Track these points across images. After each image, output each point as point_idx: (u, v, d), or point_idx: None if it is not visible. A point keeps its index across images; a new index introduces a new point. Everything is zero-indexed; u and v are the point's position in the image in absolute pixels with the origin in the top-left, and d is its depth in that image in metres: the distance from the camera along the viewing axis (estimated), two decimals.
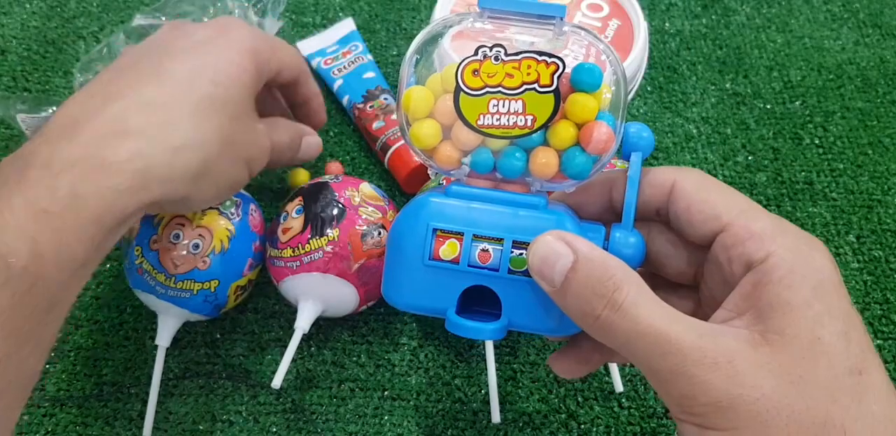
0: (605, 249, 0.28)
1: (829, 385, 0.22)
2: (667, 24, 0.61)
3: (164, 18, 0.56)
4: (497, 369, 0.43)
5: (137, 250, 0.40)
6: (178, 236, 0.39)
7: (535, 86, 0.28)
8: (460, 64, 0.28)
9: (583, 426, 0.42)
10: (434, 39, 0.30)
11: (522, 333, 0.36)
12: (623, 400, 0.43)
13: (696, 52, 0.59)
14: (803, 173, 0.52)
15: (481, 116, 0.28)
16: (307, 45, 0.58)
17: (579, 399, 0.43)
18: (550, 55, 0.28)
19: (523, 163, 0.29)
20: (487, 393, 0.42)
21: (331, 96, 0.55)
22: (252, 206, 0.43)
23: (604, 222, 0.29)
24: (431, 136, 0.29)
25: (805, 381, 0.22)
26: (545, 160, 0.29)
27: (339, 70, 0.55)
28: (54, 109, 0.48)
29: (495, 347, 0.43)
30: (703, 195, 0.27)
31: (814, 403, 0.22)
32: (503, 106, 0.28)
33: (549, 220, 0.28)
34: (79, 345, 0.44)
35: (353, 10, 0.61)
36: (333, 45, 0.57)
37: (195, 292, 0.40)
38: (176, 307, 0.40)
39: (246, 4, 0.57)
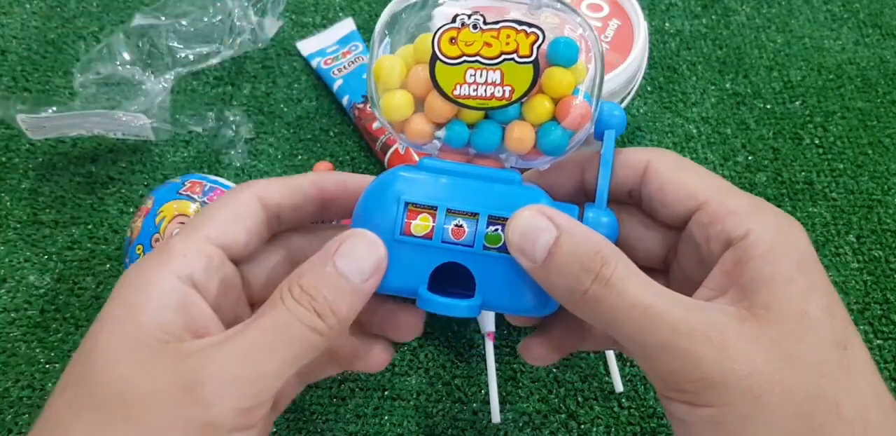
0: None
1: (819, 360, 0.22)
2: (667, 24, 0.61)
3: (163, 18, 0.56)
4: (497, 369, 0.43)
5: (139, 249, 0.40)
6: None
7: (514, 56, 0.27)
8: (437, 31, 0.27)
9: (583, 426, 0.42)
10: (402, 9, 0.29)
11: (504, 318, 0.35)
12: (623, 400, 0.43)
13: (696, 52, 0.59)
14: (803, 173, 0.52)
15: (457, 86, 0.27)
16: (307, 45, 0.58)
17: (579, 399, 0.43)
18: (530, 25, 0.27)
19: (499, 137, 0.28)
20: (487, 393, 0.42)
21: (331, 96, 0.55)
22: None
23: (576, 204, 0.29)
24: (403, 107, 0.28)
25: (795, 355, 0.22)
26: (521, 135, 0.28)
27: (339, 70, 0.55)
28: (54, 109, 0.48)
29: (495, 347, 0.43)
30: (678, 175, 0.26)
31: (805, 377, 0.22)
32: (480, 76, 0.27)
33: (526, 195, 0.27)
34: (79, 345, 0.44)
35: (353, 10, 0.61)
36: (333, 45, 0.57)
37: None
38: None
39: (246, 4, 0.57)
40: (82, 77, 0.52)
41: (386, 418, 0.42)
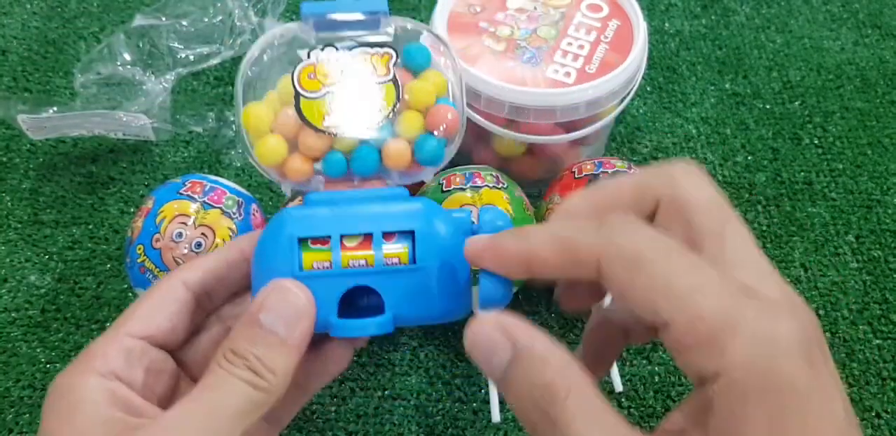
0: (475, 231, 0.27)
1: None
2: (666, 25, 0.61)
3: (163, 19, 0.56)
4: None
5: (139, 249, 0.40)
6: (180, 235, 0.39)
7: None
8: (293, 71, 0.28)
9: None
10: (260, 57, 0.30)
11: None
12: (623, 400, 0.43)
13: (695, 52, 0.59)
14: (802, 173, 0.53)
15: (326, 118, 0.28)
16: None
17: None
18: (381, 45, 0.28)
19: (376, 159, 0.28)
20: (487, 393, 0.42)
21: None
22: (254, 206, 0.43)
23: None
24: (278, 150, 0.29)
25: None
26: (397, 151, 0.28)
27: None
28: (55, 109, 0.48)
29: None
30: (635, 281, 0.20)
31: None
32: None
33: (414, 206, 0.27)
34: (79, 344, 0.44)
35: None
36: None
37: None
38: None
39: (246, 5, 0.57)
40: (83, 77, 0.53)
41: (386, 417, 0.42)
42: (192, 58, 0.56)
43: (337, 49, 0.28)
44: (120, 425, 0.24)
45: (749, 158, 0.53)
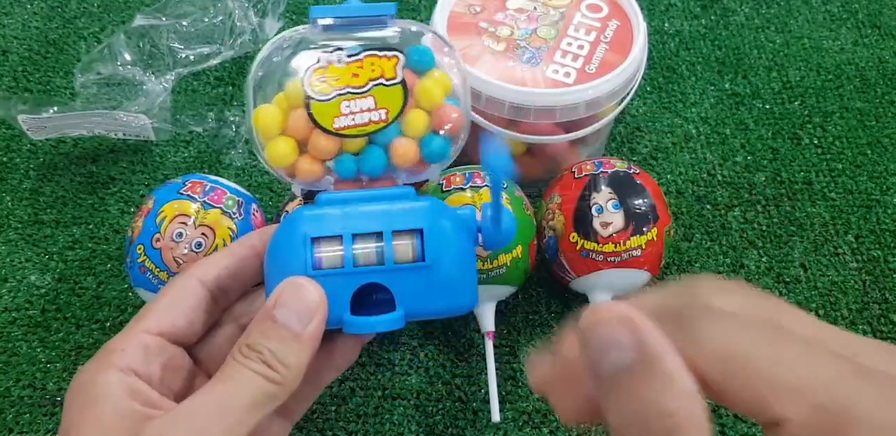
0: (479, 228, 0.28)
1: None
2: (666, 25, 0.61)
3: (164, 19, 0.56)
4: (497, 369, 0.43)
5: (139, 249, 0.40)
6: (180, 235, 0.39)
7: (382, 80, 0.29)
8: (304, 74, 0.29)
9: (583, 426, 0.42)
10: (270, 59, 0.30)
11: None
12: None
13: (695, 52, 0.59)
14: (802, 173, 0.53)
15: (336, 120, 0.29)
16: None
17: None
18: (389, 48, 0.29)
19: (384, 159, 0.29)
20: (487, 392, 0.42)
21: None
22: (254, 206, 0.43)
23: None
24: (288, 152, 0.29)
25: None
26: (404, 150, 0.29)
27: None
28: (55, 109, 0.48)
29: (495, 346, 0.43)
30: (733, 381, 0.18)
31: None
32: (355, 105, 0.29)
33: (422, 204, 0.28)
34: (80, 344, 0.44)
35: None
36: None
37: None
38: None
39: (246, 5, 0.57)
40: (83, 77, 0.53)
41: (386, 417, 0.42)
42: (192, 58, 0.56)
43: (345, 52, 0.29)
44: (137, 415, 0.25)
45: (749, 158, 0.53)
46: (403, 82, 0.29)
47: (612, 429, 0.19)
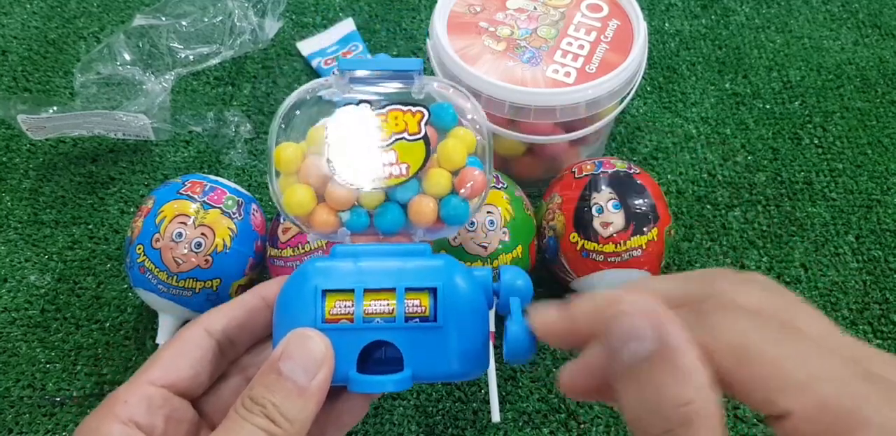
0: (497, 291, 0.28)
1: None
2: (666, 25, 0.61)
3: (163, 19, 0.56)
4: (497, 369, 0.43)
5: (139, 249, 0.40)
6: (180, 235, 0.39)
7: (405, 135, 0.29)
8: (327, 126, 0.28)
9: (583, 426, 0.42)
10: (299, 104, 0.30)
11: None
12: None
13: (695, 52, 0.59)
14: (802, 173, 0.53)
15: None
16: (307, 46, 0.58)
17: None
18: (415, 104, 0.29)
19: (401, 217, 0.29)
20: (487, 392, 0.42)
21: None
22: (254, 206, 0.43)
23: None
24: (307, 201, 0.29)
25: None
26: (425, 208, 0.29)
27: None
28: (55, 109, 0.48)
29: (495, 347, 0.43)
30: (744, 372, 0.19)
31: None
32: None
33: (437, 263, 0.27)
34: (79, 344, 0.44)
35: (353, 10, 0.61)
36: (333, 46, 0.57)
37: (197, 291, 0.40)
38: (177, 306, 0.40)
39: (246, 5, 0.57)
40: (83, 77, 0.53)
41: (386, 417, 0.42)
42: (191, 58, 0.56)
43: (371, 106, 0.29)
44: None
45: (749, 157, 0.53)
46: (426, 138, 0.28)
47: (625, 413, 0.20)
